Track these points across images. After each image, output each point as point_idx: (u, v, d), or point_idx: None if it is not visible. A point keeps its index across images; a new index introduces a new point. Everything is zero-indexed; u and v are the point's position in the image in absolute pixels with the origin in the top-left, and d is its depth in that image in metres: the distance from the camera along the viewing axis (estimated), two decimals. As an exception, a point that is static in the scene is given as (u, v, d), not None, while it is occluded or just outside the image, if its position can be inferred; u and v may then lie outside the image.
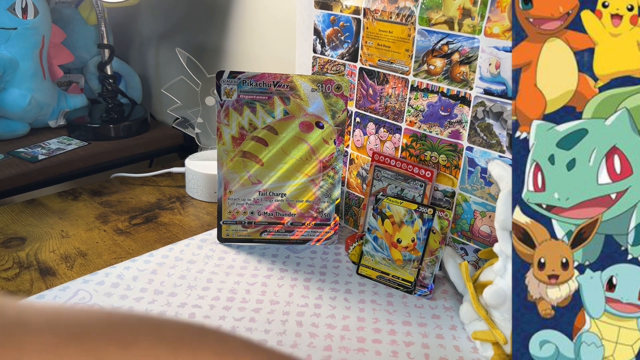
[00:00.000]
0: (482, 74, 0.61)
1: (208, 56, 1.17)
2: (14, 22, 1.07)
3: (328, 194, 0.75)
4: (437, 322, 0.62)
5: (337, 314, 0.62)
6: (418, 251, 0.66)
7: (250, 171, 0.73)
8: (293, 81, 0.70)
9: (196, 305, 0.63)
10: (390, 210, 0.67)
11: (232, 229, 0.76)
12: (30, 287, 0.67)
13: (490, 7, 0.59)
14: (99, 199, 0.92)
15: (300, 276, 0.69)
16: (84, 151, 1.08)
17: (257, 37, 1.04)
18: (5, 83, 1.08)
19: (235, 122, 0.71)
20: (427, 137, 0.69)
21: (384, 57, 0.71)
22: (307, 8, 0.77)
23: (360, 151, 0.77)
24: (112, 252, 0.75)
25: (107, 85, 1.21)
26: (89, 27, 1.28)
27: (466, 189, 0.66)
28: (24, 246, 0.76)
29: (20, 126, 1.13)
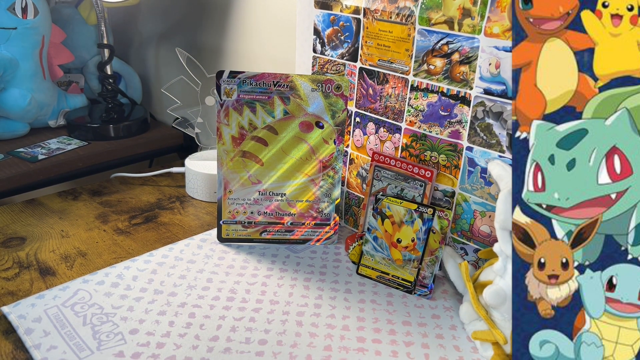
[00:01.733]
0: (482, 73, 0.61)
1: (208, 56, 1.17)
2: (14, 21, 1.07)
3: (328, 194, 0.75)
4: (437, 322, 0.62)
5: (337, 314, 0.62)
6: (418, 251, 0.66)
7: (250, 171, 0.73)
8: (293, 81, 0.70)
9: (196, 305, 0.62)
10: (390, 210, 0.67)
11: (232, 228, 0.76)
12: (30, 287, 0.67)
13: (490, 7, 0.59)
14: (99, 198, 0.92)
15: (300, 276, 0.69)
16: (84, 151, 1.08)
17: (257, 37, 1.04)
18: (5, 83, 1.08)
19: (235, 122, 0.71)
20: (427, 137, 0.69)
21: (383, 57, 0.71)
22: (307, 8, 0.77)
23: (360, 151, 0.77)
24: (112, 252, 0.75)
25: (107, 85, 1.21)
26: (88, 27, 1.28)
27: (466, 189, 0.66)
28: (24, 246, 0.76)
29: (20, 126, 1.13)
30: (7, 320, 0.60)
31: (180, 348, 0.56)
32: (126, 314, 0.61)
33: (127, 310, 0.61)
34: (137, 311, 0.61)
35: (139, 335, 0.57)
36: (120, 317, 0.60)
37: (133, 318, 0.60)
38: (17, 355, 0.55)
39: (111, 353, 0.55)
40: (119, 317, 0.60)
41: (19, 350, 0.56)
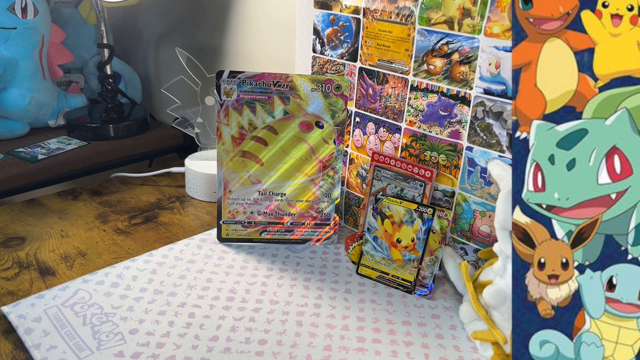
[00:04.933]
0: (482, 73, 0.61)
1: (208, 56, 1.17)
2: (14, 21, 1.06)
3: (328, 194, 0.75)
4: (436, 322, 0.62)
5: (337, 313, 0.62)
6: (418, 251, 0.66)
7: (250, 171, 0.73)
8: (293, 81, 0.70)
9: (196, 305, 0.62)
10: (390, 210, 0.67)
11: (231, 228, 0.76)
12: (29, 286, 0.67)
13: (490, 7, 0.59)
14: (98, 198, 0.92)
15: (300, 276, 0.69)
16: (84, 151, 1.08)
17: (256, 37, 1.04)
18: (5, 83, 1.08)
19: (235, 122, 0.71)
20: (426, 137, 0.69)
21: (383, 57, 0.71)
22: (307, 8, 0.77)
23: (360, 151, 0.77)
24: (111, 251, 0.75)
25: (107, 85, 1.21)
26: (88, 27, 1.28)
27: (466, 189, 0.66)
28: (24, 246, 0.76)
29: (20, 126, 1.13)
30: (7, 320, 0.60)
31: (180, 348, 0.56)
32: (126, 314, 0.60)
33: (127, 310, 0.61)
34: (137, 311, 0.61)
35: (138, 335, 0.57)
36: (120, 317, 0.60)
37: (133, 318, 0.60)
38: (16, 355, 0.55)
39: (111, 353, 0.55)
40: (118, 317, 0.60)
41: (18, 350, 0.56)
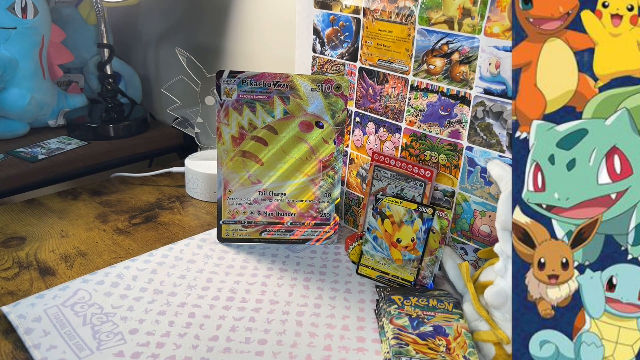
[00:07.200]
0: (482, 73, 0.61)
1: (208, 56, 1.17)
2: (14, 21, 1.06)
3: (328, 194, 0.75)
4: (436, 322, 0.62)
5: (337, 313, 0.62)
6: (418, 251, 0.66)
7: (250, 171, 0.73)
8: (293, 81, 0.70)
9: (196, 305, 0.62)
10: (390, 210, 0.67)
11: (231, 228, 0.76)
12: (29, 286, 0.67)
13: (490, 6, 0.59)
14: (98, 198, 0.92)
15: (300, 276, 0.69)
16: (84, 151, 1.08)
17: (256, 37, 1.04)
18: (5, 83, 1.08)
19: (235, 122, 0.71)
20: (426, 136, 0.69)
21: (383, 57, 0.71)
22: (307, 8, 0.77)
23: (360, 151, 0.77)
24: (111, 251, 0.75)
25: (107, 85, 1.21)
26: (88, 27, 1.28)
27: (466, 189, 0.66)
28: (24, 246, 0.76)
29: (20, 126, 1.13)
30: (7, 320, 0.60)
31: (180, 348, 0.56)
32: (126, 314, 0.60)
33: (127, 310, 0.61)
34: (137, 311, 0.61)
35: (138, 335, 0.57)
36: (120, 317, 0.60)
37: (133, 318, 0.60)
38: (16, 355, 0.55)
39: (111, 353, 0.55)
40: (118, 316, 0.60)
41: (18, 350, 0.56)
